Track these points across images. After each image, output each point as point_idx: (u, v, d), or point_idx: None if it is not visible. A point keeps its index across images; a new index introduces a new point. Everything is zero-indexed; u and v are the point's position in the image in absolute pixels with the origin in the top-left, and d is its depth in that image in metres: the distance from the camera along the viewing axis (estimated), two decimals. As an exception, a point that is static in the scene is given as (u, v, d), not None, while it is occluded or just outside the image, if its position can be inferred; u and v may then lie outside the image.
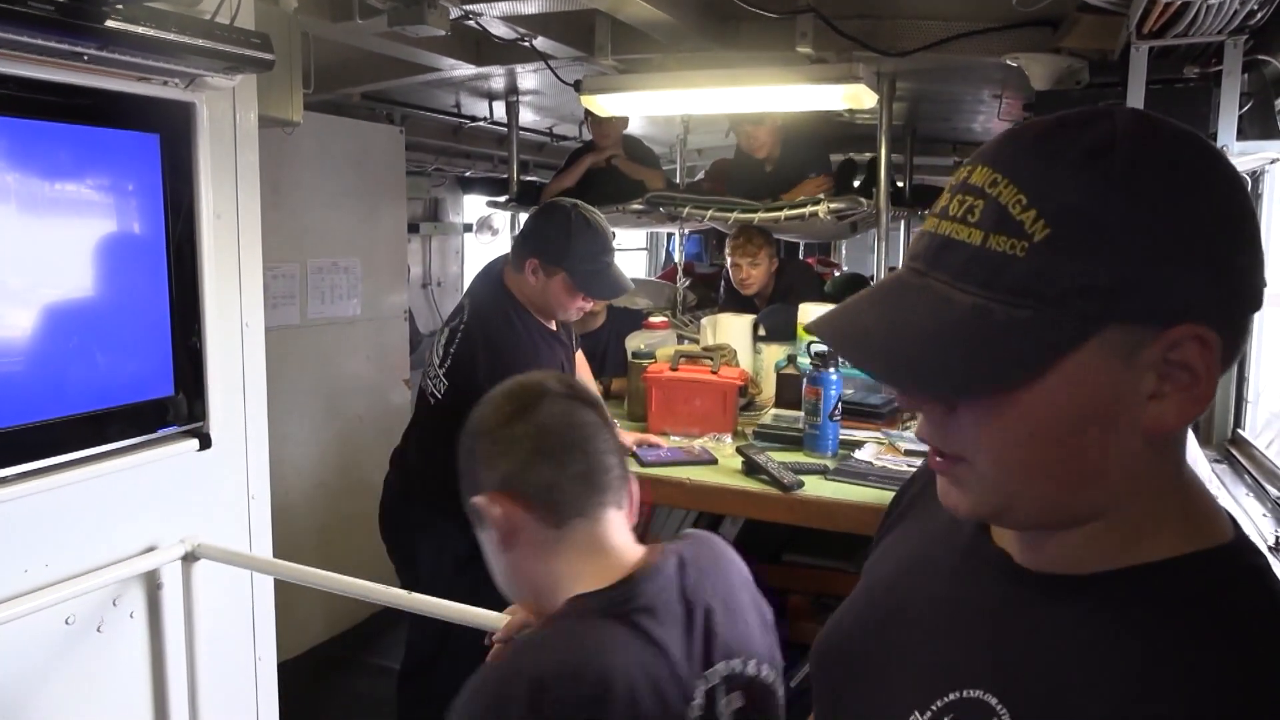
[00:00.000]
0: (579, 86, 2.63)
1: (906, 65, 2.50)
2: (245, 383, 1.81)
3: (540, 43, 2.57)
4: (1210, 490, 0.59)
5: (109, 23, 1.28)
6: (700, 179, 4.07)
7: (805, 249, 5.17)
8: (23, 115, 1.36)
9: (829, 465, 2.23)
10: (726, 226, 3.26)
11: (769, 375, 2.82)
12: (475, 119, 4.00)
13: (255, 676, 1.90)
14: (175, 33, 1.39)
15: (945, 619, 0.61)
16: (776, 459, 2.19)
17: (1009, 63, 2.24)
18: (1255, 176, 2.23)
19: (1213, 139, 1.72)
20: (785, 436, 2.39)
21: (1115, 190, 0.50)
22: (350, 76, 3.00)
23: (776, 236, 3.50)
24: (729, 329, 2.97)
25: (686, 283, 3.88)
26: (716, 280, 3.99)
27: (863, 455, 2.28)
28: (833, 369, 2.31)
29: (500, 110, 3.77)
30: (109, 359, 1.53)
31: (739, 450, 2.26)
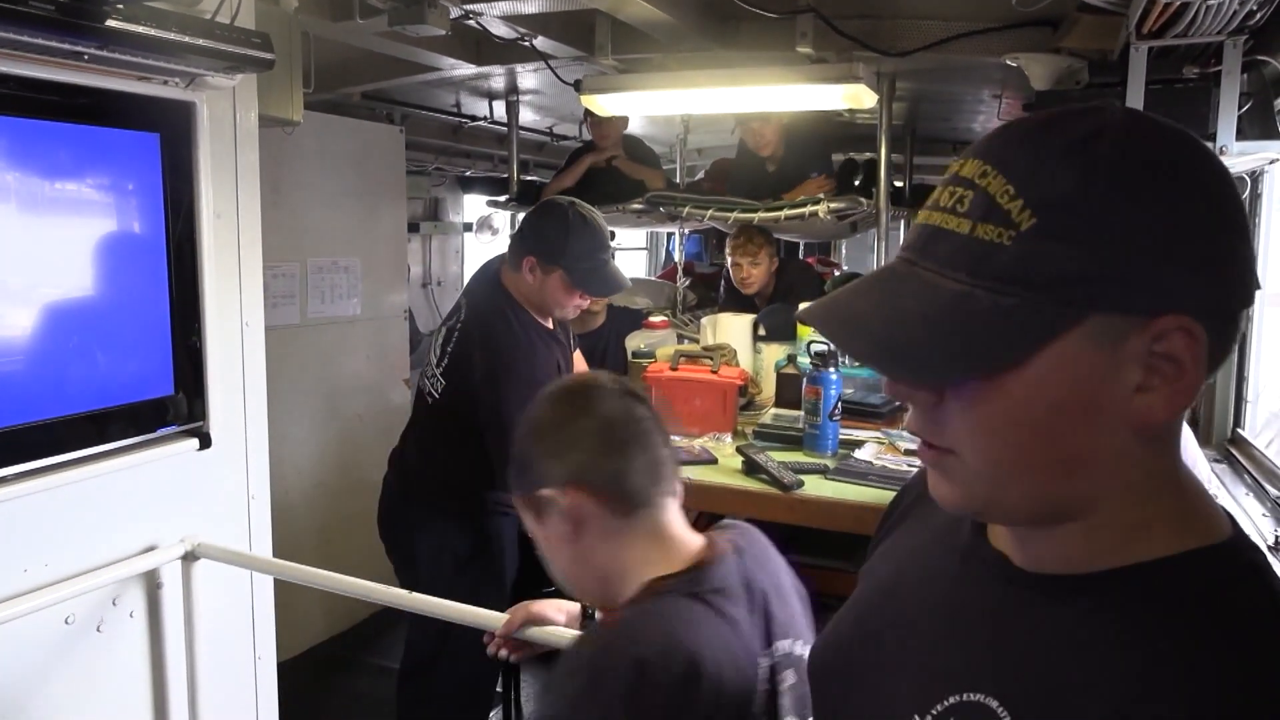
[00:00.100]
0: (579, 86, 2.63)
1: (906, 65, 2.50)
2: (245, 382, 1.81)
3: (540, 42, 2.57)
4: (1207, 489, 0.59)
5: (109, 22, 1.28)
6: (700, 179, 4.07)
7: (805, 249, 5.16)
8: (23, 115, 1.36)
9: (829, 465, 2.23)
10: (726, 226, 3.26)
11: (769, 375, 2.83)
12: (475, 119, 4.00)
13: (255, 676, 1.90)
14: (175, 32, 1.39)
15: (944, 622, 0.61)
16: (776, 459, 2.20)
17: (1009, 63, 2.24)
18: (1255, 176, 2.24)
19: (1212, 139, 1.72)
20: (785, 436, 2.40)
21: (1102, 180, 0.50)
22: (350, 76, 3.00)
23: (776, 236, 3.51)
24: (729, 328, 2.98)
25: (686, 282, 3.88)
26: (716, 280, 3.99)
27: (863, 455, 2.28)
28: (833, 368, 2.31)
29: (500, 110, 3.77)
30: (109, 358, 1.53)
31: (739, 450, 2.26)
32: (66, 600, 1.50)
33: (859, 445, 2.35)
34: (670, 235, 5.17)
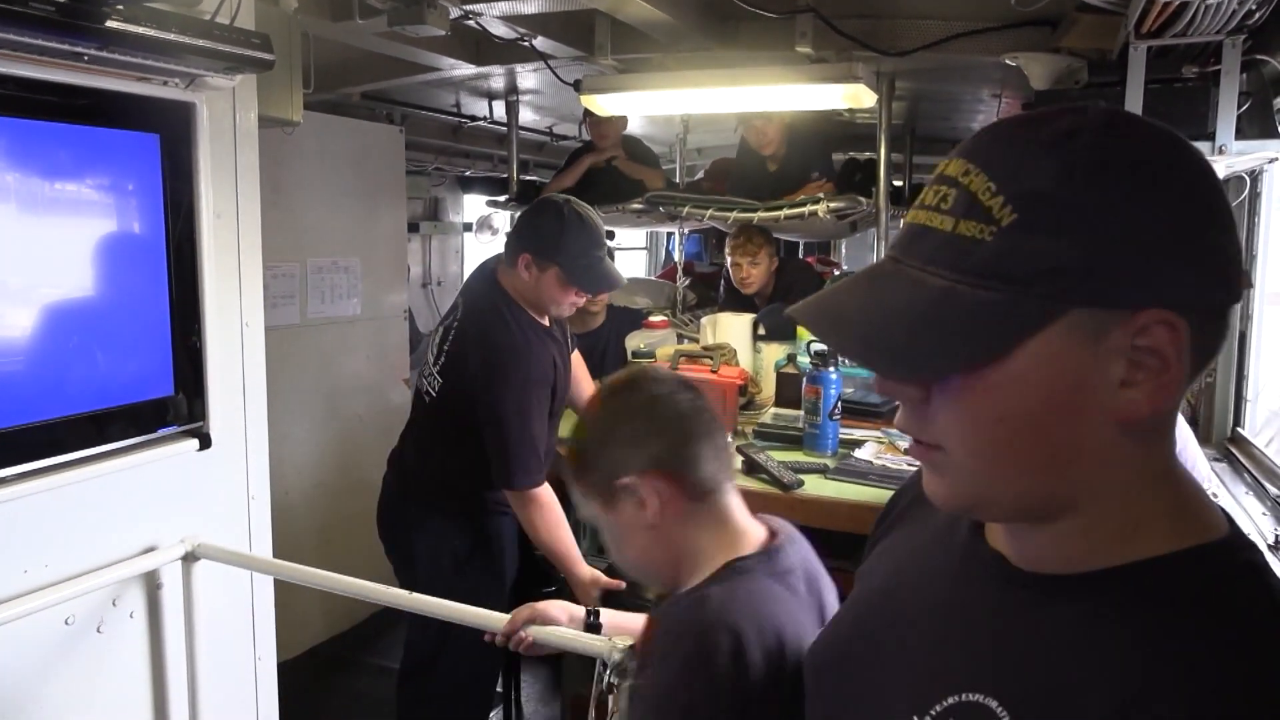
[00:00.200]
0: (579, 86, 2.63)
1: (906, 65, 2.50)
2: (245, 382, 1.81)
3: (540, 42, 2.58)
4: (1205, 487, 0.59)
5: (109, 23, 1.28)
6: (700, 178, 4.07)
7: (805, 248, 5.16)
8: (23, 115, 1.36)
9: (829, 464, 2.23)
10: (726, 226, 3.27)
11: (769, 374, 2.83)
12: (475, 118, 4.00)
13: (255, 676, 1.90)
14: (175, 33, 1.39)
15: (943, 623, 0.61)
16: (776, 458, 2.20)
17: (1008, 62, 2.24)
18: (1254, 176, 2.24)
19: (1211, 138, 1.72)
20: (785, 435, 2.40)
21: (1080, 176, 0.50)
22: (350, 76, 3.00)
23: (776, 236, 3.51)
24: (729, 328, 2.98)
25: (686, 282, 3.88)
26: (716, 279, 3.99)
27: (863, 454, 2.29)
28: (832, 368, 2.31)
29: (500, 110, 3.78)
30: (109, 359, 1.53)
31: (739, 449, 2.26)
32: (66, 601, 1.50)
33: (859, 445, 2.35)
34: (670, 235, 5.17)
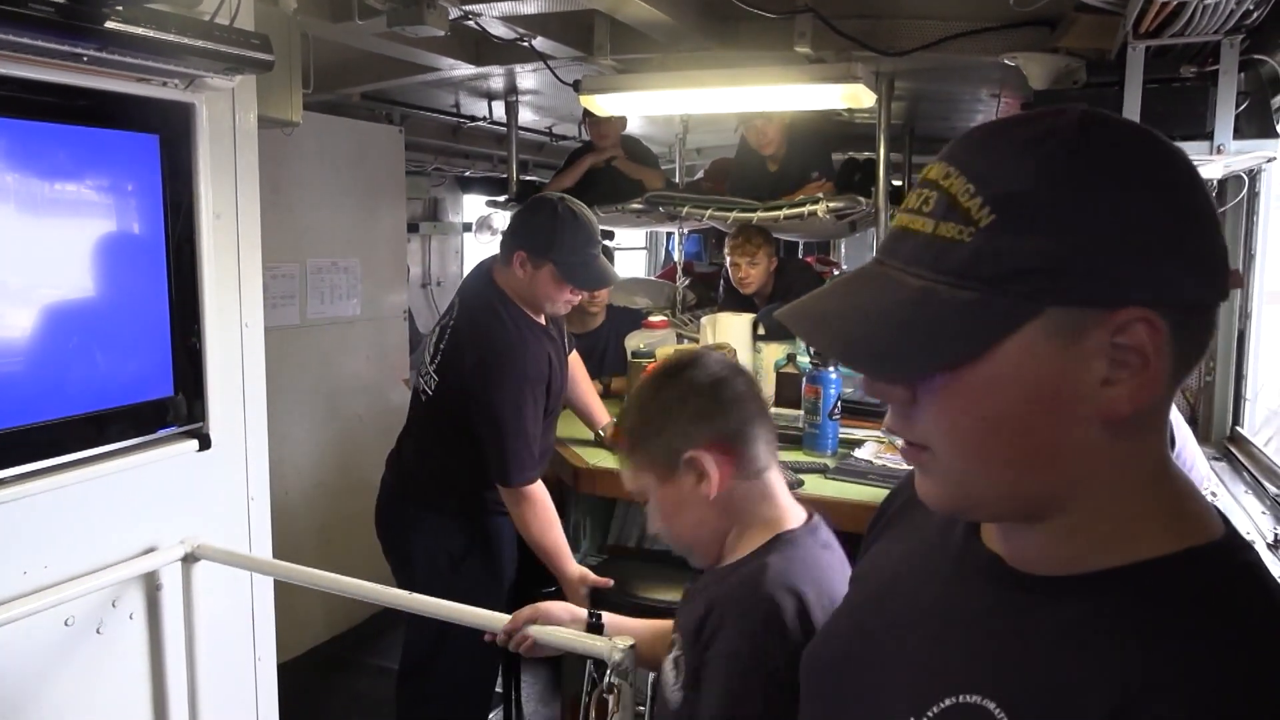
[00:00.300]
0: (578, 86, 2.63)
1: (905, 65, 2.50)
2: (245, 383, 1.81)
3: (539, 43, 2.58)
4: (1204, 486, 0.60)
5: (108, 24, 1.28)
6: (699, 178, 4.07)
7: (804, 248, 5.16)
8: (22, 116, 1.36)
9: (829, 464, 2.24)
10: (726, 226, 3.27)
11: (768, 374, 2.83)
12: (474, 119, 4.00)
13: (255, 677, 1.90)
14: (175, 34, 1.39)
15: (939, 624, 0.61)
16: (776, 458, 2.20)
17: (1007, 62, 2.24)
18: (1252, 175, 2.24)
19: (1209, 138, 1.72)
20: (785, 435, 2.36)
21: (1056, 176, 0.51)
22: (350, 77, 3.00)
23: (776, 236, 3.51)
24: (728, 328, 2.98)
25: (686, 282, 3.87)
26: (716, 279, 3.98)
27: (862, 454, 2.29)
28: (832, 368, 2.31)
29: (499, 110, 3.78)
30: (109, 359, 1.53)
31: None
32: (66, 602, 1.50)
33: (859, 444, 2.35)
34: (670, 235, 5.17)
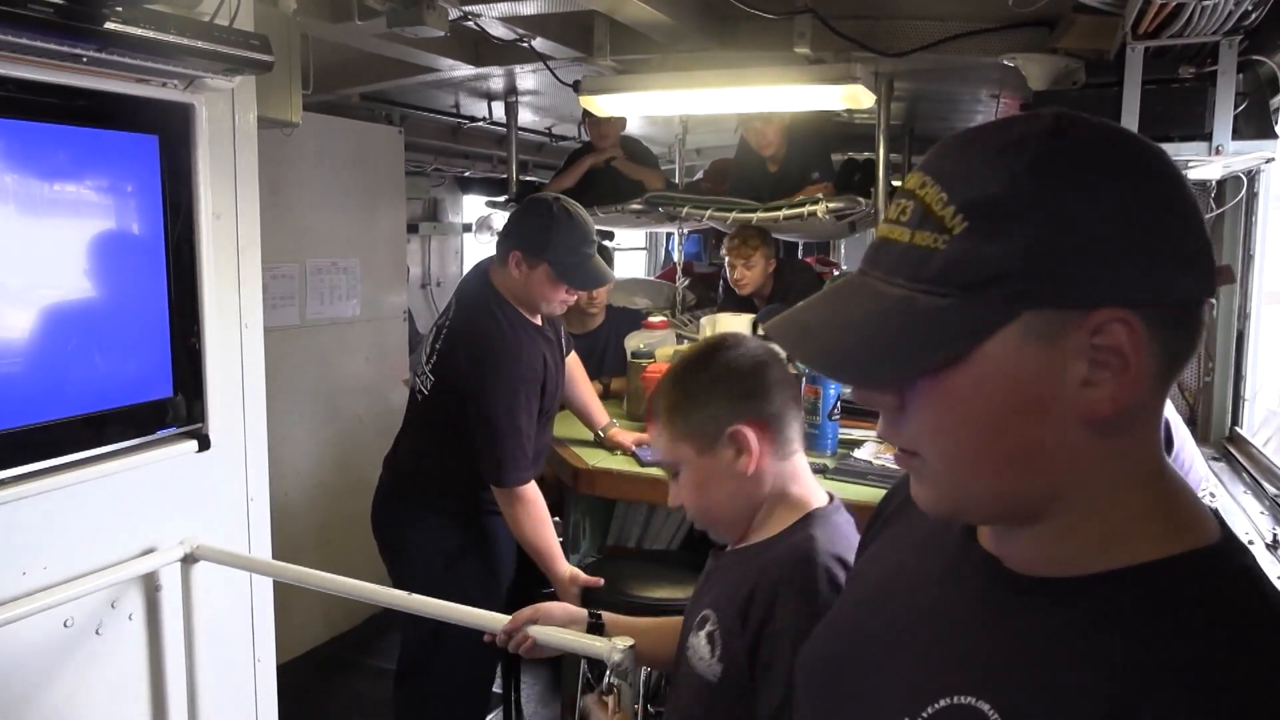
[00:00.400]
0: (578, 87, 2.63)
1: (904, 65, 2.50)
2: (244, 384, 1.81)
3: (539, 43, 2.58)
4: (1203, 487, 0.60)
5: (108, 25, 1.28)
6: (699, 179, 4.07)
7: (804, 248, 5.16)
8: (22, 117, 1.36)
9: (828, 464, 2.24)
10: (725, 226, 3.27)
11: (768, 375, 2.82)
12: (474, 119, 4.00)
13: (254, 678, 1.90)
14: (174, 34, 1.39)
15: (935, 624, 0.61)
16: (775, 459, 2.20)
17: (1006, 63, 2.24)
18: (1251, 175, 2.24)
19: (1208, 138, 1.72)
20: (784, 436, 2.39)
21: (1026, 179, 0.51)
22: (349, 77, 3.00)
23: (775, 236, 3.51)
24: (728, 328, 2.97)
25: (686, 282, 3.88)
26: (716, 280, 3.99)
27: (862, 454, 2.29)
28: (830, 369, 2.30)
29: (499, 110, 3.78)
30: (108, 360, 1.53)
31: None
32: (65, 603, 1.49)
33: (858, 445, 2.35)
34: (669, 235, 5.17)
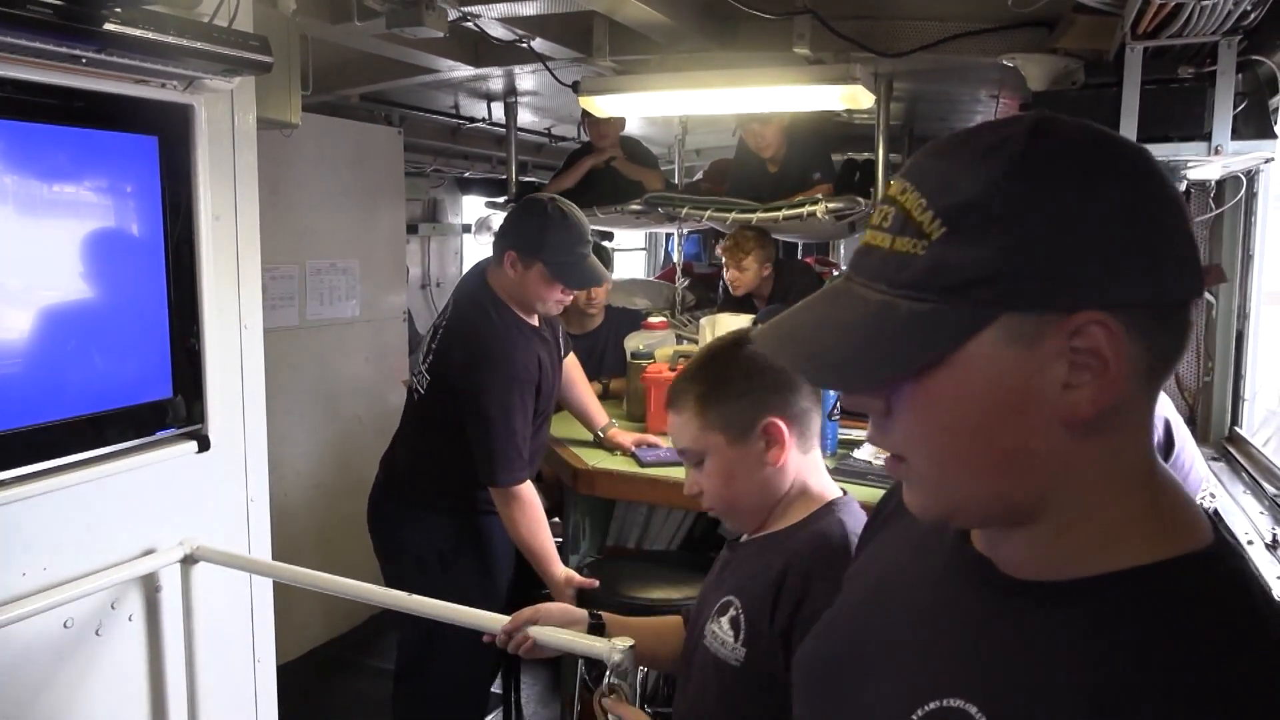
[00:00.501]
0: (577, 87, 2.63)
1: (903, 66, 2.50)
2: (244, 384, 1.81)
3: (538, 44, 2.58)
4: (1203, 487, 0.60)
5: (107, 25, 1.28)
6: (699, 179, 4.07)
7: (804, 248, 5.16)
8: (21, 118, 1.36)
9: (828, 465, 2.21)
10: (725, 226, 3.27)
11: (767, 375, 2.82)
12: (474, 120, 4.00)
13: (254, 679, 1.90)
14: (173, 35, 1.39)
15: (928, 626, 0.61)
16: (775, 459, 2.19)
17: (1005, 63, 2.24)
18: (1250, 176, 2.24)
19: (1207, 139, 1.72)
20: (784, 436, 2.39)
21: (1003, 183, 0.51)
22: (349, 78, 3.00)
23: (775, 237, 3.51)
24: (728, 329, 2.97)
25: (685, 283, 3.88)
26: (715, 280, 3.99)
27: (861, 454, 2.29)
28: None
29: (499, 111, 3.78)
30: (107, 361, 1.53)
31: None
32: (65, 604, 1.49)
33: (858, 445, 2.35)
34: (669, 236, 5.17)
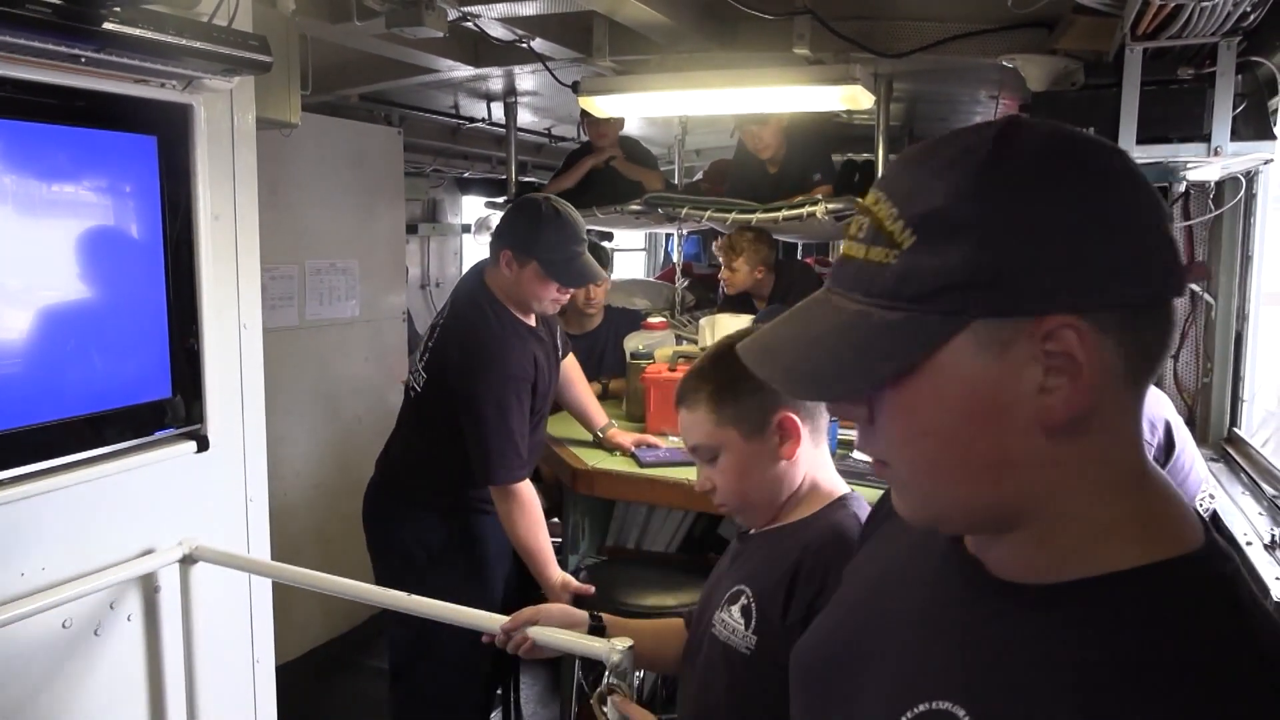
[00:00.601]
0: (577, 88, 2.63)
1: (903, 66, 2.50)
2: (243, 384, 1.81)
3: (538, 44, 2.58)
4: (1199, 489, 0.60)
5: (106, 25, 1.28)
6: (698, 179, 4.07)
7: (804, 248, 5.17)
8: (20, 117, 1.36)
9: (827, 465, 2.23)
10: (725, 227, 3.27)
11: (767, 376, 2.82)
12: (473, 120, 4.00)
13: (253, 679, 1.90)
14: (173, 35, 1.39)
15: (920, 628, 0.62)
16: (774, 459, 2.19)
17: (1005, 64, 2.25)
18: (1249, 177, 2.24)
19: (1207, 140, 1.72)
20: (783, 437, 2.39)
21: (971, 190, 0.52)
22: (348, 78, 3.00)
23: (775, 237, 3.51)
24: (727, 329, 2.97)
25: (685, 283, 3.88)
26: (715, 280, 3.98)
27: (861, 455, 2.29)
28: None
29: (498, 111, 3.78)
30: (106, 361, 1.53)
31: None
32: (64, 604, 1.49)
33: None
34: (669, 236, 5.17)
